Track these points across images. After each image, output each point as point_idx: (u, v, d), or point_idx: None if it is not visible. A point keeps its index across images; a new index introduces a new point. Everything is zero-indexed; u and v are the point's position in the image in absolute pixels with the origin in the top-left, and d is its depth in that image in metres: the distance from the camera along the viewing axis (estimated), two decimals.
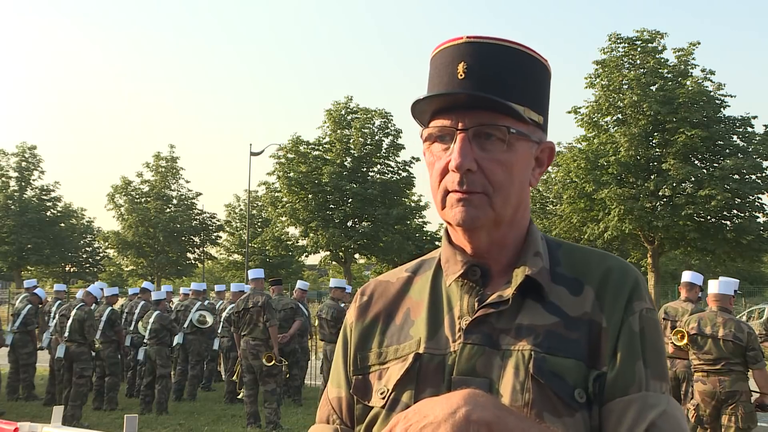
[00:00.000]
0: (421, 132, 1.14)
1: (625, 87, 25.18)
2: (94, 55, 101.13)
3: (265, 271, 15.57)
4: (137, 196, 39.88)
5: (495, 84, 1.07)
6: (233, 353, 10.85)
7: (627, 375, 1.04)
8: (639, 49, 25.44)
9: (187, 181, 46.12)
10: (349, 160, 32.10)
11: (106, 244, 41.40)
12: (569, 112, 26.88)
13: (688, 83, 24.66)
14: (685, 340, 6.10)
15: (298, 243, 35.24)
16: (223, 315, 11.55)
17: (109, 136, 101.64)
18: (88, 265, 43.46)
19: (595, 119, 26.41)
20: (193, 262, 42.73)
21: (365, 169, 32.35)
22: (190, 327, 11.56)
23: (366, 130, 32.10)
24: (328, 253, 32.31)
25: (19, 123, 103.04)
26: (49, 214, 39.40)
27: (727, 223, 24.71)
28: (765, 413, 6.43)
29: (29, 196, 38.85)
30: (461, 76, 1.08)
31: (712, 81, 25.02)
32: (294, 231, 34.65)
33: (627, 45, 25.65)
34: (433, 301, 1.17)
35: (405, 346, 1.14)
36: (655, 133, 25.01)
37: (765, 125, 25.24)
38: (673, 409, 1.04)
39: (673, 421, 1.02)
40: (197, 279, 41.07)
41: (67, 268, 43.77)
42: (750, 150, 24.52)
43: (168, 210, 39.92)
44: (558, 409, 1.02)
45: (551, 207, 33.26)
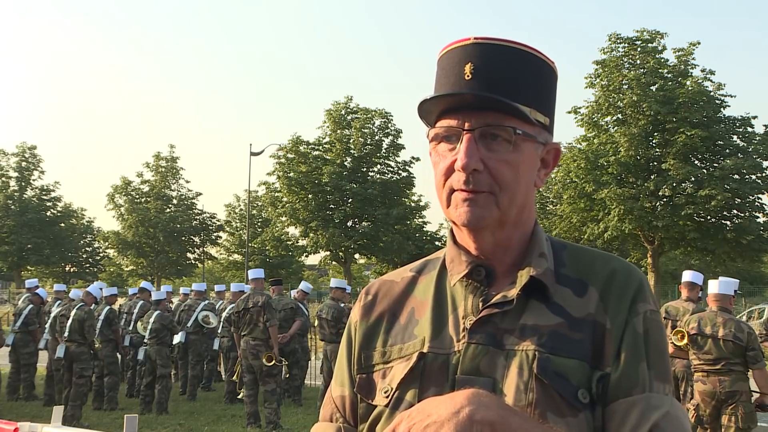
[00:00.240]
0: (427, 132, 1.15)
1: (625, 87, 25.19)
2: (94, 55, 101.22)
3: (265, 271, 15.57)
4: (137, 196, 39.91)
5: (502, 85, 1.08)
6: (233, 353, 10.85)
7: (631, 376, 1.04)
8: (639, 49, 25.46)
9: (187, 181, 46.24)
10: (349, 160, 32.11)
11: (106, 244, 41.44)
12: (569, 112, 26.90)
13: (688, 83, 24.68)
14: (685, 340, 6.10)
15: (298, 243, 35.26)
16: (223, 315, 11.56)
17: (109, 136, 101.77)
18: (88, 265, 43.50)
19: (595, 119, 26.43)
20: (193, 262, 42.76)
21: (365, 169, 32.36)
22: (194, 326, 11.56)
23: (366, 130, 32.11)
24: (328, 253, 32.32)
25: (19, 123, 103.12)
26: (49, 214, 39.45)
27: (727, 223, 24.73)
28: (765, 413, 6.43)
29: (29, 196, 38.88)
30: (468, 76, 1.09)
31: (712, 81, 25.07)
32: (294, 231, 34.72)
33: (627, 45, 25.67)
34: (437, 300, 1.17)
35: (409, 345, 1.15)
36: (655, 133, 25.03)
37: (765, 125, 25.28)
38: (677, 411, 1.04)
39: (676, 423, 1.03)
40: (197, 279, 41.10)
41: (67, 268, 43.80)
42: (750, 150, 24.54)
43: (168, 210, 39.95)
44: (561, 410, 1.02)
45: (551, 207, 33.28)
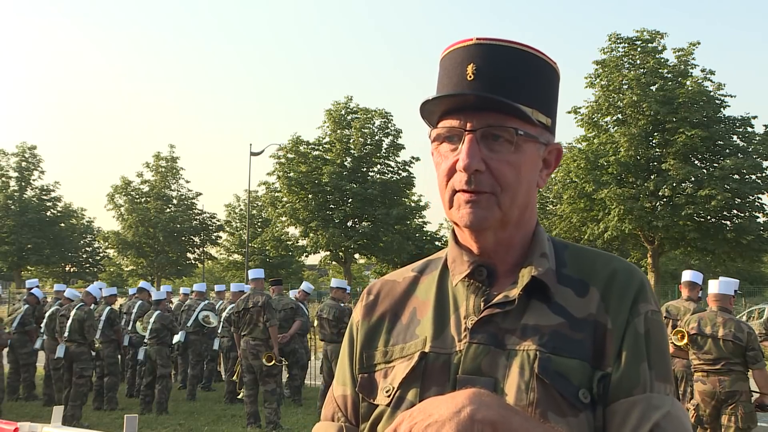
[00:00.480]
0: (429, 132, 1.15)
1: (625, 87, 25.19)
2: (94, 55, 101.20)
3: (265, 271, 15.57)
4: (137, 196, 39.91)
5: (504, 85, 1.08)
6: (233, 353, 10.85)
7: (631, 376, 1.04)
8: (639, 49, 25.46)
9: (187, 181, 46.26)
10: (349, 160, 32.10)
11: (106, 244, 41.45)
12: (569, 112, 26.90)
13: (688, 83, 24.68)
14: (685, 340, 6.11)
15: (298, 243, 35.25)
16: (223, 315, 11.56)
17: (109, 136, 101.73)
18: (88, 265, 43.51)
19: (595, 119, 26.43)
20: (193, 262, 42.76)
21: (365, 169, 32.36)
22: (194, 326, 11.55)
23: (366, 130, 32.11)
24: (328, 253, 32.31)
25: (19, 123, 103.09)
26: (49, 214, 39.44)
27: (727, 223, 24.74)
28: (765, 413, 6.43)
29: (29, 196, 38.88)
30: (470, 77, 1.09)
31: (712, 81, 25.08)
32: (294, 231, 34.72)
33: (627, 45, 25.67)
34: (439, 300, 1.17)
35: (411, 345, 1.15)
36: (655, 133, 25.03)
37: (765, 125, 25.30)
38: (677, 411, 1.04)
39: (677, 423, 1.03)
40: (197, 279, 41.13)
41: (67, 268, 43.81)
42: (750, 150, 24.54)
43: (168, 210, 39.95)
44: (562, 409, 1.02)
45: (551, 207, 33.28)
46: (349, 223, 31.88)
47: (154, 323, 10.06)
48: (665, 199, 24.77)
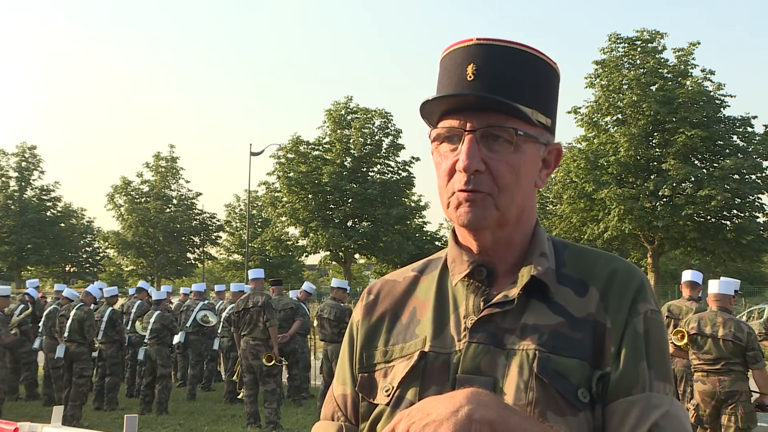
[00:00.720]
0: (429, 132, 1.15)
1: (625, 87, 25.20)
2: (94, 55, 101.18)
3: (265, 271, 15.57)
4: (137, 196, 39.92)
5: (504, 86, 1.08)
6: (233, 353, 10.85)
7: (631, 375, 1.04)
8: (639, 49, 25.47)
9: (187, 181, 46.31)
10: (349, 160, 32.11)
11: (106, 244, 41.46)
12: (569, 112, 26.91)
13: (688, 83, 24.68)
14: (685, 340, 6.11)
15: (298, 243, 35.25)
16: (223, 315, 11.56)
17: (109, 136, 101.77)
18: (88, 265, 43.52)
19: (595, 119, 26.44)
20: (193, 262, 42.78)
21: (365, 169, 32.36)
22: (193, 326, 11.55)
23: (366, 130, 32.11)
24: (328, 253, 32.31)
25: (19, 123, 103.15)
26: (49, 214, 39.45)
27: (727, 223, 24.74)
28: (765, 413, 6.43)
29: (29, 196, 38.89)
30: (470, 77, 1.09)
31: (712, 81, 25.08)
32: (294, 231, 34.70)
33: (627, 45, 25.68)
34: (439, 300, 1.18)
35: (411, 344, 1.15)
36: (655, 133, 25.03)
37: (765, 125, 25.29)
38: (677, 410, 1.04)
39: (677, 422, 1.02)
40: (197, 279, 41.12)
41: (67, 268, 43.82)
42: (750, 150, 24.54)
43: (168, 210, 39.96)
44: (561, 409, 1.02)
45: (551, 207, 33.28)
46: (349, 223, 31.88)
47: (154, 323, 10.06)
48: (665, 199, 24.77)
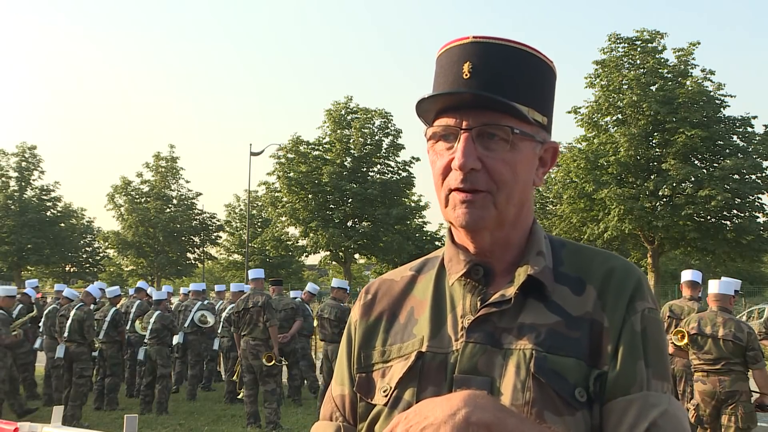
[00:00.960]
0: (425, 131, 1.15)
1: (625, 87, 25.20)
2: (94, 55, 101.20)
3: (265, 271, 15.57)
4: (137, 196, 39.90)
5: (500, 84, 1.08)
6: (233, 353, 10.84)
7: (628, 374, 1.04)
8: (639, 49, 25.46)
9: (187, 181, 46.27)
10: (349, 160, 32.10)
11: (106, 244, 41.42)
12: (569, 112, 26.91)
13: (688, 83, 24.67)
14: (686, 340, 6.11)
15: (298, 243, 35.25)
16: (223, 315, 11.55)
17: (109, 136, 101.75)
18: (88, 265, 43.46)
19: (595, 119, 26.43)
20: (193, 262, 42.75)
21: (365, 169, 32.35)
22: (191, 326, 11.54)
23: (366, 130, 32.10)
24: (328, 253, 32.30)
25: (19, 123, 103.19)
26: (49, 214, 39.41)
27: (727, 223, 24.72)
28: (765, 413, 6.43)
29: (29, 196, 38.85)
30: (466, 75, 1.08)
31: (712, 81, 25.06)
32: (294, 231, 34.70)
33: (627, 45, 25.67)
34: (436, 300, 1.17)
35: (408, 344, 1.15)
36: (655, 133, 25.02)
37: (765, 125, 25.27)
38: (675, 409, 1.03)
39: (675, 421, 1.02)
40: (197, 279, 41.11)
41: (67, 268, 43.77)
42: (750, 150, 24.53)
43: (168, 210, 39.94)
44: (559, 408, 1.02)
45: (551, 207, 33.27)
46: (349, 223, 31.88)
47: (155, 323, 10.06)
48: (665, 199, 24.76)
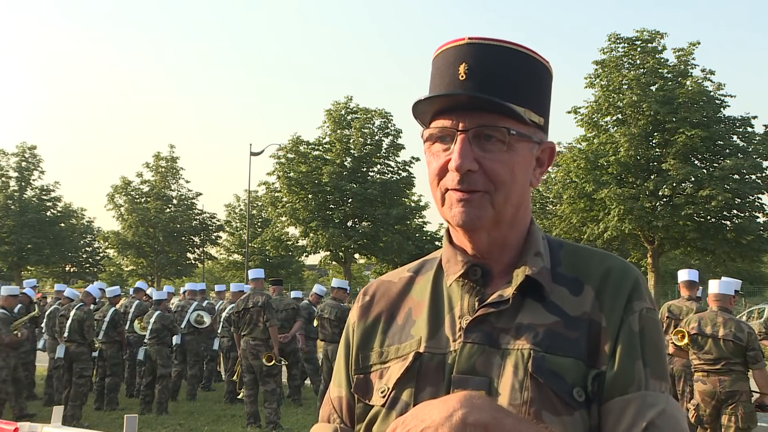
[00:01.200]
0: (421, 132, 1.15)
1: (624, 87, 25.19)
2: (94, 55, 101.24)
3: (265, 271, 15.56)
4: (137, 196, 39.89)
5: (496, 85, 1.08)
6: (233, 353, 10.84)
7: (626, 374, 1.04)
8: (639, 49, 25.45)
9: (187, 181, 46.28)
10: (349, 160, 32.10)
11: (106, 244, 41.42)
12: (569, 112, 26.90)
13: (688, 83, 24.67)
14: (686, 340, 6.11)
15: (298, 243, 35.25)
16: (223, 315, 11.54)
17: (109, 136, 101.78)
18: (88, 265, 43.46)
19: (595, 119, 26.42)
20: (193, 262, 42.75)
21: (365, 169, 32.36)
22: (188, 327, 11.53)
23: (366, 130, 32.11)
24: (328, 253, 32.30)
25: (19, 123, 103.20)
26: (49, 214, 39.40)
27: (727, 223, 24.71)
28: (765, 413, 6.43)
29: (29, 196, 38.85)
30: (462, 77, 1.08)
31: (712, 81, 25.04)
32: (294, 231, 34.71)
33: (627, 45, 25.66)
34: (434, 300, 1.17)
35: (406, 345, 1.15)
36: (655, 133, 25.02)
37: (765, 125, 25.26)
38: (673, 409, 1.04)
39: (673, 421, 1.02)
40: (197, 279, 41.09)
41: (67, 268, 43.77)
42: (750, 150, 24.52)
43: (168, 210, 39.93)
44: (557, 408, 1.02)
45: (551, 207, 33.25)
46: (349, 223, 31.88)
47: (155, 323, 10.06)
48: (665, 199, 24.76)
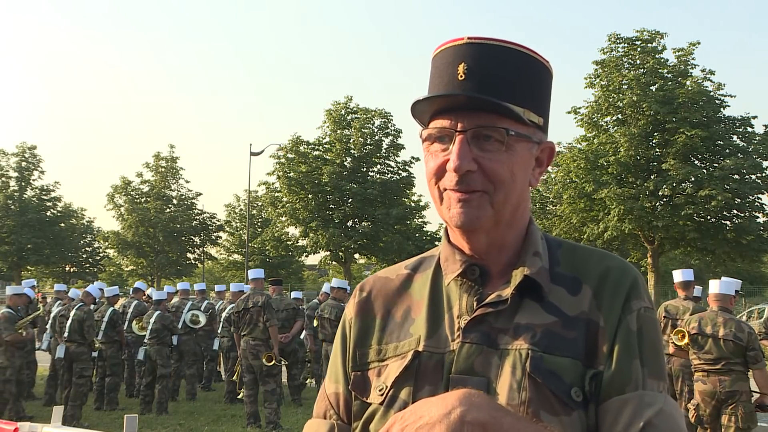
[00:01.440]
0: (420, 132, 1.15)
1: (624, 87, 25.19)
2: (94, 55, 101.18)
3: (265, 271, 15.56)
4: (137, 196, 39.87)
5: (495, 85, 1.07)
6: (233, 353, 10.84)
7: (624, 374, 1.04)
8: (639, 49, 25.45)
9: (187, 181, 46.24)
10: (349, 160, 32.09)
11: (106, 244, 41.40)
12: (569, 112, 26.90)
13: (688, 83, 24.66)
14: (686, 340, 6.11)
15: (298, 243, 35.23)
16: (223, 315, 11.55)
17: (109, 136, 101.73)
18: (88, 265, 43.43)
19: (595, 119, 26.43)
20: (193, 262, 42.73)
21: (365, 169, 32.34)
22: (184, 327, 11.52)
23: (366, 130, 32.10)
24: (328, 253, 32.28)
25: (19, 123, 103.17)
26: (49, 214, 39.38)
27: (727, 223, 24.71)
28: (765, 413, 6.43)
29: (29, 196, 38.83)
30: (461, 77, 1.08)
31: (712, 81, 25.04)
32: (294, 231, 34.68)
33: (627, 45, 25.67)
34: (432, 299, 1.17)
35: (404, 343, 1.15)
36: (655, 133, 25.02)
37: (765, 125, 25.26)
38: (671, 408, 1.03)
39: (671, 420, 1.02)
40: (197, 279, 41.11)
41: (67, 268, 43.75)
42: (750, 150, 24.52)
43: (168, 210, 39.91)
44: (555, 408, 1.02)
45: (551, 207, 33.24)
46: (349, 223, 31.87)
47: (155, 323, 10.07)
48: (665, 199, 24.76)
